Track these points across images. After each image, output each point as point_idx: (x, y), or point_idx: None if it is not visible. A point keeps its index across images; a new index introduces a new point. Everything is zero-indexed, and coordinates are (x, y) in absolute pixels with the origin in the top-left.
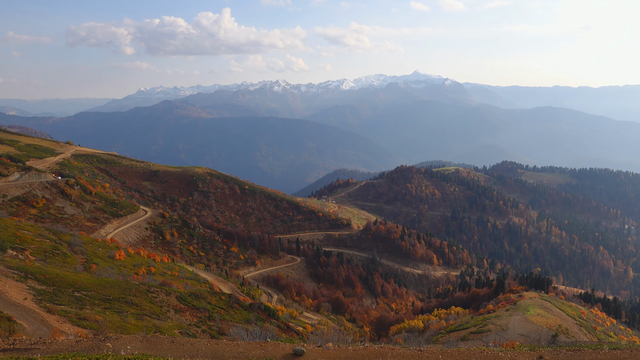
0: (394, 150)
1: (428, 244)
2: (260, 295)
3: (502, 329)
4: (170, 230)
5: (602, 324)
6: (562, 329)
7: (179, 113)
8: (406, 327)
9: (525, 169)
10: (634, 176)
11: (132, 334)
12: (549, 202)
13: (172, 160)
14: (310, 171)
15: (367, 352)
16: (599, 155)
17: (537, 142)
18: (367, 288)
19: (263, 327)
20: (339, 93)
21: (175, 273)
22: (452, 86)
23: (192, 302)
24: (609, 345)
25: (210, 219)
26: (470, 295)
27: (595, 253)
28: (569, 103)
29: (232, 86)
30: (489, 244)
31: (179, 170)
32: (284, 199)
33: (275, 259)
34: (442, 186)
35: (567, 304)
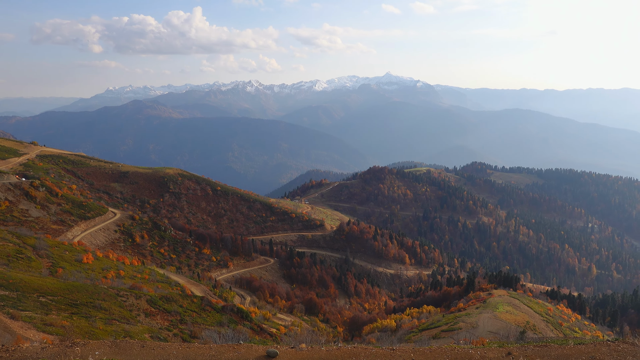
0: (366, 151)
1: (400, 243)
2: (233, 297)
3: (473, 327)
4: (141, 233)
5: (568, 320)
6: (530, 326)
7: (149, 113)
8: (379, 326)
9: (494, 169)
10: (596, 176)
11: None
12: (516, 202)
13: (143, 161)
14: (284, 172)
15: (340, 352)
16: (564, 156)
17: (506, 143)
18: (340, 288)
19: (236, 330)
20: (312, 94)
21: (146, 276)
22: (424, 88)
23: (163, 305)
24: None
25: (182, 220)
26: (441, 294)
27: (560, 251)
28: (535, 105)
29: (204, 86)
30: (459, 243)
31: (150, 171)
32: (257, 200)
33: (248, 260)
34: (414, 186)
35: (535, 301)
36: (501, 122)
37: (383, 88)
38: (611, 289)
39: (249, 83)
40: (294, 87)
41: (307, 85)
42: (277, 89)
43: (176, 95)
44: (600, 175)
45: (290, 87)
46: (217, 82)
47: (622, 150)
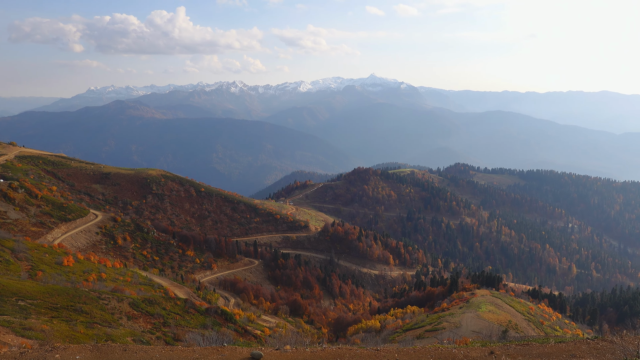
0: (351, 152)
1: (385, 244)
2: (217, 299)
3: (456, 326)
4: (123, 235)
5: (549, 319)
6: (512, 325)
7: (131, 113)
8: (364, 327)
9: (476, 170)
10: (576, 177)
11: (81, 343)
12: (499, 203)
13: (125, 162)
14: (268, 173)
15: (325, 353)
16: (544, 157)
17: (488, 144)
18: (325, 289)
19: (220, 332)
20: (297, 95)
21: (128, 279)
22: (408, 90)
23: (146, 308)
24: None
25: (165, 222)
26: (425, 294)
27: (542, 251)
28: (517, 107)
29: (188, 86)
30: (443, 243)
31: (132, 172)
32: (241, 202)
33: (232, 262)
34: (398, 187)
35: (517, 301)
36: (484, 124)
37: (367, 89)
38: (591, 287)
39: (233, 84)
40: (278, 88)
41: (292, 87)
42: (262, 89)
43: (159, 96)
44: (579, 177)
45: (274, 88)
46: (201, 82)
47: (600, 152)
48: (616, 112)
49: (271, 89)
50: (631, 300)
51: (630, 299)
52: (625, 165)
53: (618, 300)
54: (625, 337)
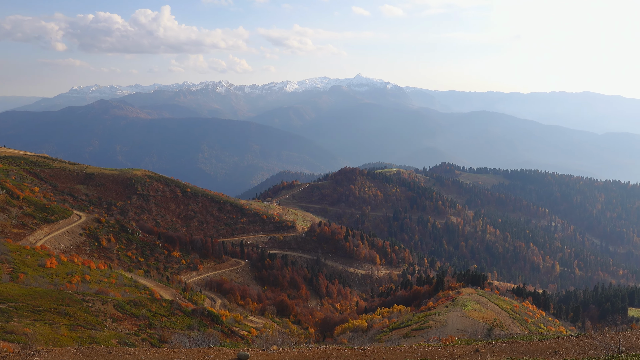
0: (337, 152)
1: (371, 244)
2: (203, 300)
3: (442, 325)
4: (107, 236)
5: (533, 316)
6: (497, 323)
7: (116, 113)
8: (350, 326)
9: (462, 170)
10: (559, 177)
11: (65, 346)
12: (484, 202)
13: (109, 163)
14: (254, 173)
15: (312, 353)
16: (528, 157)
17: (473, 144)
18: (312, 289)
19: (206, 333)
20: (283, 95)
21: (113, 280)
22: (394, 90)
23: (131, 310)
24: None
25: (150, 223)
26: (411, 293)
27: (526, 249)
28: (501, 108)
29: (173, 86)
30: (429, 243)
31: (116, 172)
32: (227, 202)
33: (218, 262)
34: (385, 187)
35: (501, 299)
36: (469, 124)
37: (354, 90)
38: (573, 285)
39: (219, 83)
40: (264, 88)
41: (278, 86)
42: (248, 89)
43: (144, 95)
44: (562, 176)
45: (261, 88)
46: (187, 82)
47: (583, 152)
48: (598, 113)
49: (257, 88)
50: (612, 297)
51: (612, 296)
52: (607, 164)
53: (600, 298)
54: (607, 333)
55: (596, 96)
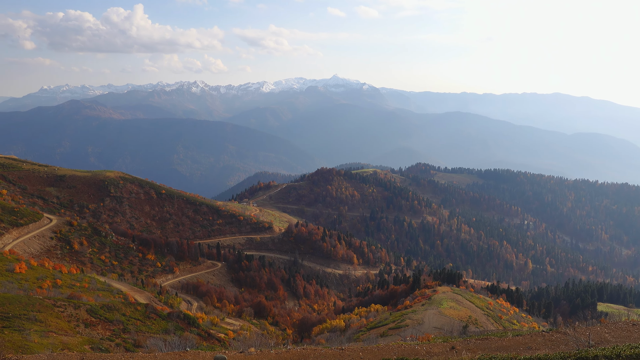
0: (314, 152)
1: (348, 244)
2: (179, 303)
3: (419, 323)
4: (79, 239)
5: (507, 313)
6: (472, 320)
7: (87, 113)
8: (328, 327)
9: (437, 170)
10: (531, 176)
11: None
12: (458, 201)
13: (81, 164)
14: (231, 174)
15: (289, 354)
16: (501, 157)
17: (448, 144)
18: (289, 290)
19: (182, 337)
20: (260, 95)
21: (85, 284)
22: (370, 91)
23: (105, 314)
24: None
25: (124, 225)
26: (388, 292)
27: (499, 247)
28: (475, 108)
29: (147, 86)
30: (405, 242)
31: (89, 174)
32: (203, 203)
33: (194, 265)
34: (361, 187)
35: (476, 296)
36: (444, 125)
37: (330, 90)
38: (545, 282)
39: (194, 84)
40: (240, 88)
41: (255, 87)
42: (224, 90)
43: (117, 96)
44: (534, 175)
45: (237, 88)
46: (161, 82)
47: (553, 152)
48: (567, 113)
49: (233, 89)
50: (583, 292)
51: (582, 292)
52: (576, 164)
53: (571, 293)
54: (577, 328)
55: (566, 97)
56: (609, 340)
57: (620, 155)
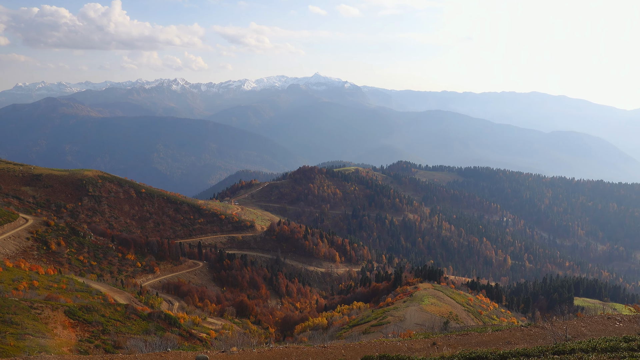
0: (296, 151)
1: (330, 242)
2: (160, 303)
3: (400, 320)
4: (57, 239)
5: (487, 309)
6: (453, 316)
7: (64, 111)
8: (311, 325)
9: (418, 168)
10: (510, 173)
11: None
12: (439, 199)
13: (58, 163)
14: (212, 173)
15: (272, 353)
16: (481, 154)
17: (429, 142)
18: (271, 289)
19: (163, 337)
20: (241, 93)
21: (63, 286)
22: (351, 89)
23: (83, 316)
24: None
25: (103, 225)
26: (370, 289)
27: (479, 244)
28: (455, 107)
29: (126, 83)
30: (387, 239)
31: (66, 173)
32: (184, 202)
33: (175, 264)
34: (343, 186)
35: (457, 293)
36: (424, 123)
37: (312, 88)
38: (524, 277)
39: (174, 81)
40: (222, 86)
41: (236, 85)
42: (205, 87)
43: (95, 93)
44: (513, 173)
45: (218, 86)
46: (140, 79)
47: (531, 149)
48: (545, 112)
49: (214, 87)
50: (560, 287)
51: (559, 287)
52: (554, 161)
53: (548, 289)
54: (555, 322)
55: (543, 96)
56: (585, 333)
57: (595, 153)
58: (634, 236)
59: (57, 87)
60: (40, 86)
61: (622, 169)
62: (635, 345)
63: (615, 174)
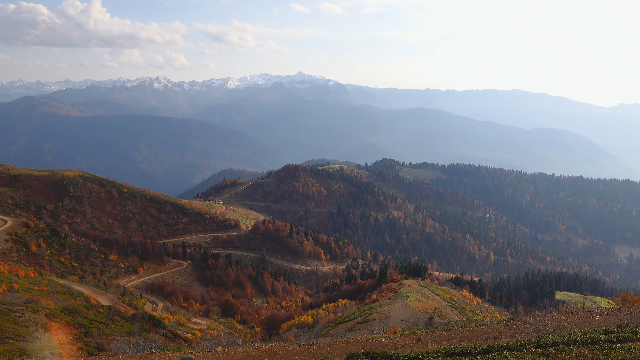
0: (280, 149)
1: (315, 240)
2: (144, 304)
3: (386, 317)
4: (37, 241)
5: (470, 304)
6: (437, 312)
7: (44, 110)
8: (296, 323)
9: (402, 165)
10: (492, 170)
11: None
12: (423, 196)
13: (37, 163)
14: (196, 172)
15: (257, 352)
16: (464, 152)
17: (412, 140)
18: (257, 288)
19: (148, 338)
20: (224, 92)
21: (44, 288)
22: (335, 87)
23: (65, 318)
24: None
25: (85, 226)
26: (356, 287)
27: (463, 240)
28: (438, 105)
29: (107, 82)
30: (372, 237)
31: (46, 173)
32: (167, 202)
33: (159, 265)
34: (328, 184)
35: (441, 289)
36: (408, 121)
37: (296, 87)
38: (507, 272)
39: (156, 79)
40: (205, 84)
41: (219, 83)
42: (187, 86)
43: (75, 92)
44: (495, 170)
45: (201, 84)
46: (122, 78)
47: (513, 146)
48: (526, 109)
49: (197, 85)
50: (541, 282)
51: (541, 281)
52: (535, 158)
53: (530, 283)
54: (537, 317)
55: (524, 94)
56: (566, 327)
57: (575, 150)
58: (613, 231)
59: (36, 86)
60: (18, 85)
61: (601, 165)
62: (614, 337)
63: (595, 170)
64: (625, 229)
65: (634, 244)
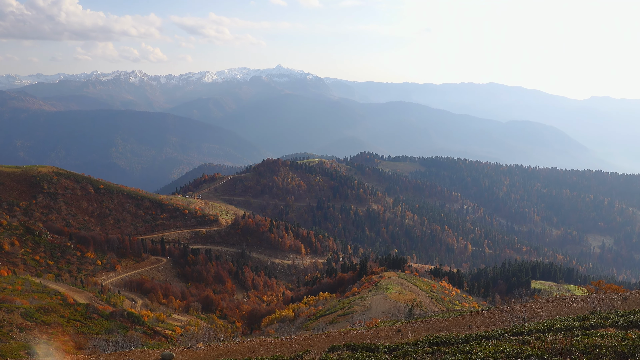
0: (260, 143)
1: (296, 234)
2: (122, 301)
3: (366, 309)
4: (10, 239)
5: (449, 294)
6: (417, 303)
7: (14, 105)
8: (278, 317)
9: (381, 158)
10: (469, 163)
11: None
12: (402, 189)
13: (9, 160)
14: (174, 167)
15: (239, 347)
16: (442, 144)
17: (391, 133)
18: (237, 283)
19: (127, 336)
20: (202, 85)
21: (18, 287)
22: (314, 81)
23: (41, 317)
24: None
25: (60, 223)
26: (336, 280)
27: (441, 232)
28: (416, 98)
29: (81, 76)
30: (352, 230)
31: (18, 170)
32: (145, 197)
33: (138, 261)
34: (308, 177)
35: (421, 280)
36: (387, 114)
37: (274, 80)
38: (484, 263)
39: (132, 73)
40: (182, 78)
41: (196, 77)
42: (164, 80)
43: (47, 86)
44: (472, 162)
45: (178, 78)
46: (96, 71)
47: (489, 139)
48: (502, 102)
49: (174, 79)
50: (518, 272)
51: (517, 271)
52: (511, 150)
53: (507, 273)
54: (513, 305)
55: (500, 87)
56: (541, 315)
57: (549, 142)
58: (586, 220)
59: (6, 80)
60: None
61: (574, 157)
62: (587, 324)
63: (568, 161)
64: (598, 219)
65: (605, 233)
